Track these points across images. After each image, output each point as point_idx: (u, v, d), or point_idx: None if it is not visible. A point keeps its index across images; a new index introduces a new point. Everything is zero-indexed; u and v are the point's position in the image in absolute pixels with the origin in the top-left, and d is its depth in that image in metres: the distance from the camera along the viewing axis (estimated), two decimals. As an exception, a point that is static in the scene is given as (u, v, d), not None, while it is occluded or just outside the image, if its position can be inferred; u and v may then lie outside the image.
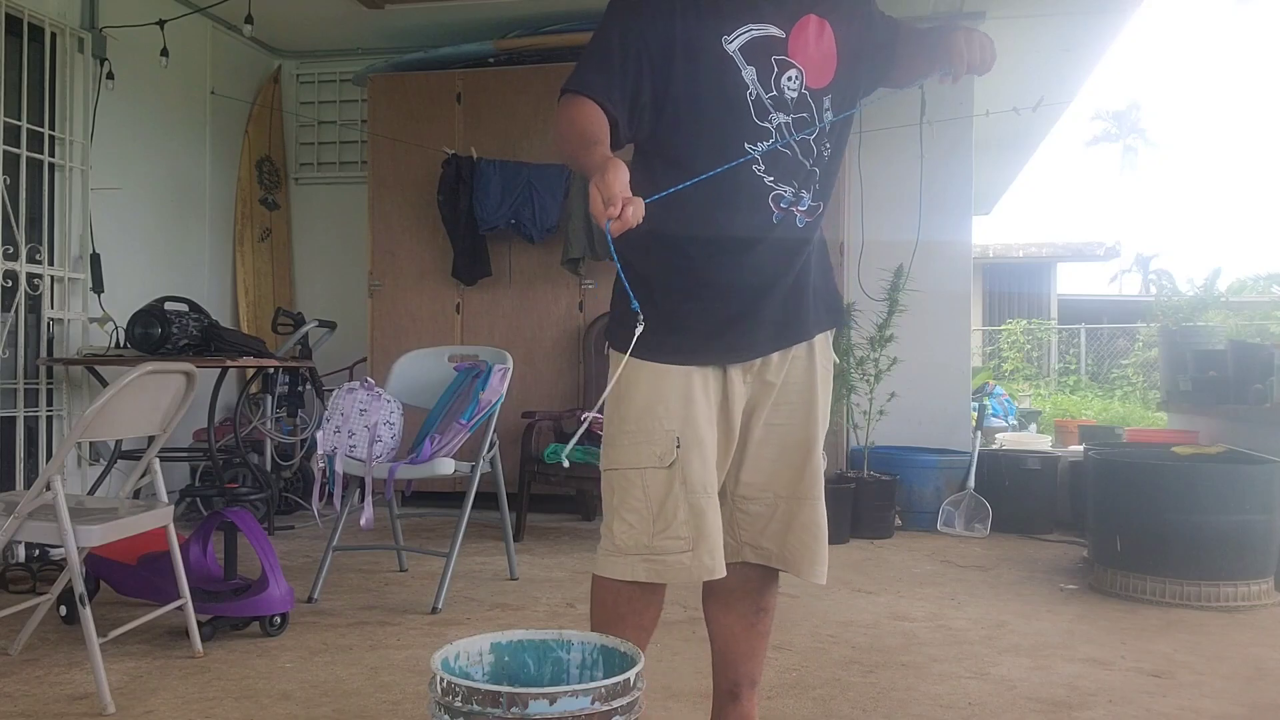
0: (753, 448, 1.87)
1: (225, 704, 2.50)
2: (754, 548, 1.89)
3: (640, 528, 1.77)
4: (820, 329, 1.92)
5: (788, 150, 1.78)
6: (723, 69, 1.73)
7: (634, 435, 1.79)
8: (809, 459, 1.87)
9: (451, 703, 1.29)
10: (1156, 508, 3.69)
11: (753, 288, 1.81)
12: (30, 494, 2.50)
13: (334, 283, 6.28)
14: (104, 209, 4.79)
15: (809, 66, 1.78)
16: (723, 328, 1.81)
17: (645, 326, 1.74)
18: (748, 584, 1.93)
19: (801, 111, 1.79)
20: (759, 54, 1.74)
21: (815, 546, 1.87)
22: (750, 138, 1.75)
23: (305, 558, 4.25)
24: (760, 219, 1.78)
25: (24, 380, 4.35)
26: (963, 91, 5.58)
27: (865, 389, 5.14)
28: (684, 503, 1.75)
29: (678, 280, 1.82)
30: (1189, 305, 7.75)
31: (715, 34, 1.73)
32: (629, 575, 1.78)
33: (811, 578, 1.88)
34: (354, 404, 3.52)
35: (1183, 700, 2.60)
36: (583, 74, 1.74)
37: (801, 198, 1.82)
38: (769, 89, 1.75)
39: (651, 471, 1.76)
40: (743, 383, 1.84)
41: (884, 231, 5.57)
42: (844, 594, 3.75)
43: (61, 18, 4.54)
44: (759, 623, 1.97)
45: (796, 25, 1.77)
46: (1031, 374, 15.12)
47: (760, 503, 1.88)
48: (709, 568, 1.77)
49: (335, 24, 5.79)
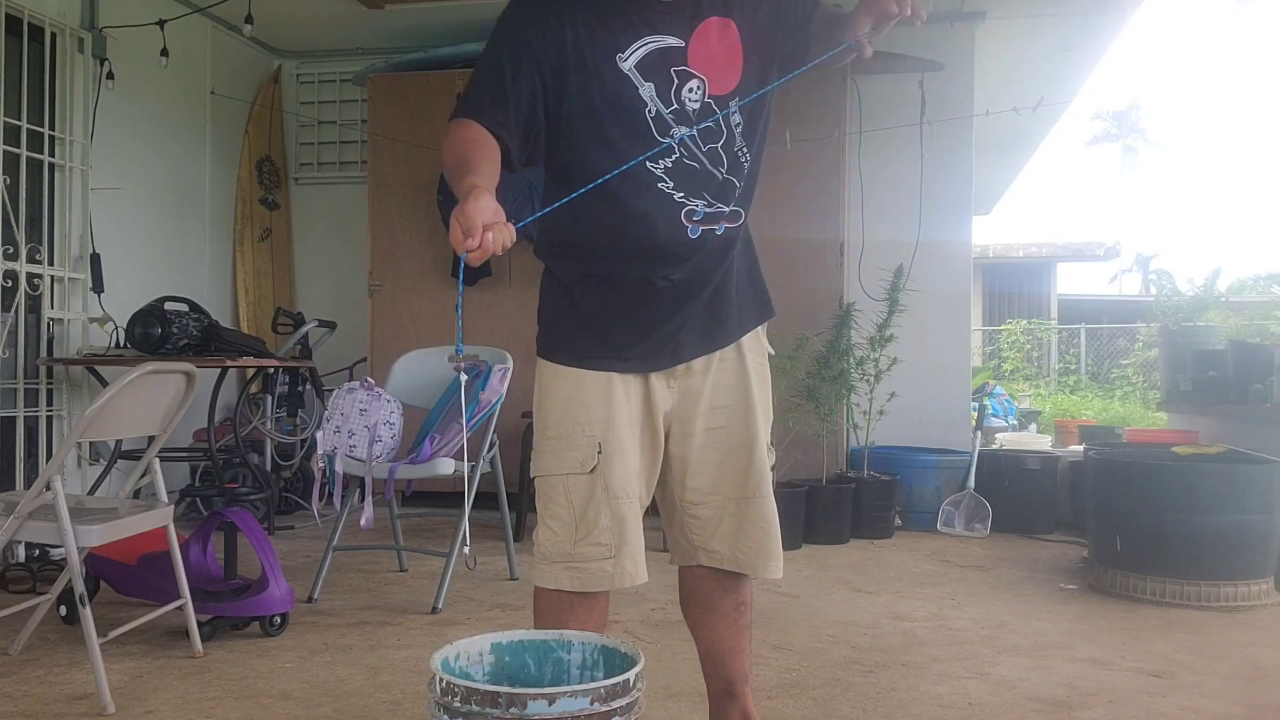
0: (695, 453, 1.85)
1: (225, 704, 2.50)
2: (706, 551, 1.89)
3: (563, 535, 1.75)
4: (747, 329, 1.90)
5: (695, 164, 1.74)
6: (619, 88, 1.68)
7: (555, 441, 1.77)
8: (752, 458, 1.86)
9: (450, 703, 1.29)
10: (1156, 508, 3.69)
11: (672, 301, 1.79)
12: (30, 494, 2.51)
13: (334, 283, 6.28)
14: (104, 209, 4.79)
15: (711, 74, 1.73)
16: (641, 337, 1.79)
17: (566, 332, 1.80)
18: (724, 583, 1.92)
19: (706, 121, 1.74)
20: (657, 68, 1.69)
21: (767, 543, 1.87)
22: (653, 157, 1.70)
23: (305, 558, 4.25)
24: (676, 237, 1.75)
25: (24, 380, 4.35)
26: (963, 91, 5.58)
27: (865, 389, 5.14)
28: (606, 509, 1.74)
29: (596, 293, 1.80)
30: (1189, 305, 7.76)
31: (609, 52, 1.68)
32: (553, 584, 1.76)
33: (766, 574, 1.88)
34: (354, 404, 3.52)
35: (1183, 700, 2.60)
36: (472, 97, 1.70)
37: (718, 208, 1.79)
38: (669, 103, 1.71)
39: (574, 478, 1.74)
40: (665, 389, 1.83)
41: (884, 231, 5.58)
42: (844, 594, 3.75)
43: (61, 18, 4.54)
44: (741, 617, 1.97)
45: (696, 32, 1.71)
46: (1031, 374, 15.12)
47: (708, 506, 1.87)
48: (631, 574, 1.75)
49: (335, 24, 5.79)
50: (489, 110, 1.67)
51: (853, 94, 5.37)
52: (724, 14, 1.74)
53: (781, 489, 4.64)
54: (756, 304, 1.94)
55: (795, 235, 5.21)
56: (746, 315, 1.91)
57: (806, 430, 4.90)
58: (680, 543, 1.92)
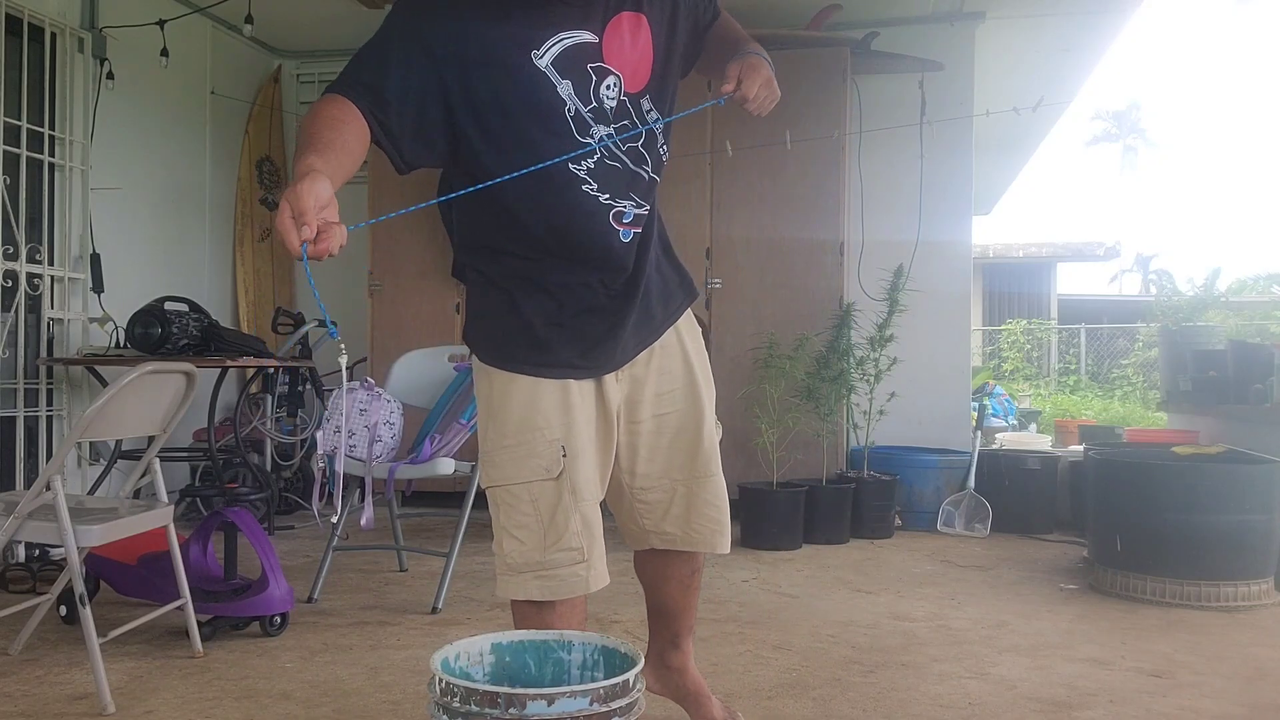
0: (645, 438, 1.86)
1: (225, 704, 2.50)
2: (659, 534, 1.91)
3: (531, 543, 1.71)
4: (680, 312, 1.91)
5: (616, 164, 1.69)
6: (536, 87, 1.59)
7: (515, 450, 1.72)
8: (700, 439, 1.88)
9: (450, 703, 1.29)
10: (1156, 508, 3.69)
11: (616, 310, 1.77)
12: (30, 494, 2.51)
13: (334, 283, 6.27)
14: (104, 209, 4.79)
15: (625, 70, 1.67)
16: (590, 347, 1.77)
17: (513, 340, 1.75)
18: (681, 555, 1.97)
19: (623, 119, 1.69)
20: (573, 64, 1.62)
21: (721, 519, 1.91)
22: (575, 157, 1.64)
23: (305, 558, 4.25)
24: (607, 242, 1.72)
25: (24, 380, 4.36)
26: (963, 91, 5.58)
27: (865, 389, 5.14)
28: (576, 513, 1.70)
29: (537, 301, 1.76)
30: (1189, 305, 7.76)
31: (524, 48, 1.58)
32: (522, 594, 1.72)
33: (717, 549, 1.92)
34: (354, 404, 3.52)
35: (1183, 700, 2.59)
36: (351, 74, 1.57)
37: (643, 208, 1.76)
38: (588, 101, 1.63)
39: (539, 485, 1.70)
40: (615, 382, 1.83)
41: (884, 231, 5.59)
42: (844, 594, 3.75)
43: (61, 18, 4.54)
44: (694, 582, 2.02)
45: (609, 26, 1.65)
46: (1031, 374, 15.13)
47: (659, 490, 1.88)
48: (600, 575, 1.75)
49: (335, 24, 5.79)
50: (367, 93, 1.54)
51: (853, 94, 5.37)
52: (635, 9, 1.69)
53: (781, 489, 4.67)
54: (682, 285, 1.94)
55: (795, 235, 5.22)
56: (675, 299, 1.90)
57: (806, 430, 4.90)
58: (630, 528, 1.94)
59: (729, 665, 2.84)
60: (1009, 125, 6.48)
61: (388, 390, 3.66)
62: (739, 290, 5.29)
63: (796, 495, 4.68)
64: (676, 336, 1.90)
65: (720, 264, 5.31)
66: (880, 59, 5.44)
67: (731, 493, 5.35)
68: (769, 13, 5.46)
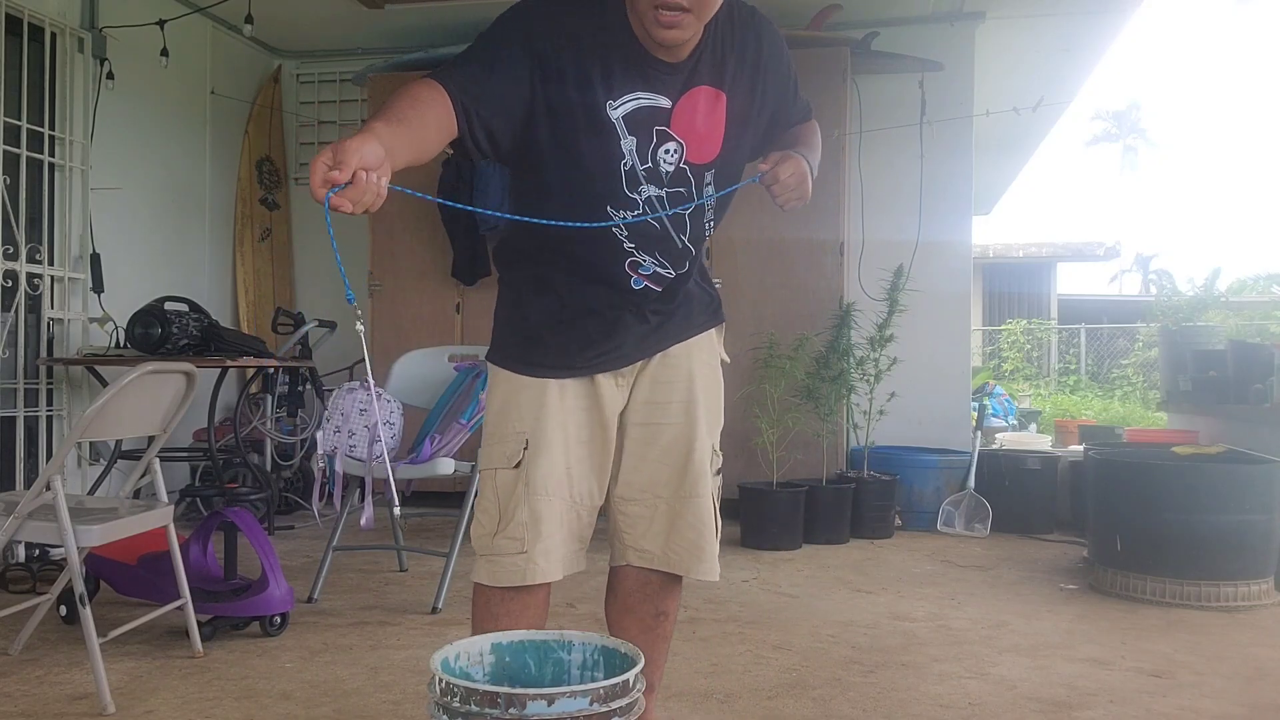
0: (632, 448, 1.85)
1: (225, 704, 2.50)
2: (637, 550, 1.87)
3: (488, 527, 1.77)
4: (697, 331, 1.90)
5: (656, 224, 1.73)
6: (604, 135, 1.66)
7: (490, 438, 1.80)
8: (690, 458, 1.84)
9: (450, 703, 1.29)
10: (1156, 508, 3.69)
11: (616, 314, 1.80)
12: (30, 494, 2.51)
13: (334, 283, 6.27)
14: (104, 209, 4.79)
15: (691, 140, 1.71)
16: (584, 348, 1.79)
17: (512, 340, 1.81)
18: (646, 587, 1.90)
19: (678, 186, 1.73)
20: (642, 124, 1.67)
21: (701, 544, 1.85)
22: (616, 204, 1.70)
23: (305, 558, 4.25)
24: (620, 279, 1.77)
25: (24, 380, 4.36)
26: (962, 91, 5.58)
27: (865, 389, 5.14)
28: (525, 504, 1.74)
29: (541, 300, 1.81)
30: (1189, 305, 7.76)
31: (603, 96, 1.64)
32: (475, 575, 1.79)
33: (699, 575, 1.86)
34: (354, 404, 3.52)
35: (1183, 700, 2.60)
36: (454, 66, 1.61)
37: (667, 271, 1.79)
38: (645, 160, 1.69)
39: (501, 472, 1.76)
40: (614, 386, 1.82)
41: (884, 231, 5.59)
42: (844, 594, 3.75)
43: (61, 18, 4.54)
44: (658, 626, 1.93)
45: (685, 96, 1.69)
46: (1031, 374, 15.13)
47: (641, 504, 1.85)
48: (543, 570, 1.74)
49: (335, 24, 5.79)
50: (464, 82, 1.57)
51: (853, 94, 5.37)
52: (716, 85, 1.71)
53: (782, 489, 4.68)
54: (705, 309, 1.93)
55: (795, 235, 5.22)
56: (695, 320, 1.90)
57: (806, 430, 4.90)
58: (612, 541, 1.91)
59: (729, 665, 2.84)
60: (1009, 125, 6.48)
61: (388, 390, 3.66)
62: (739, 290, 5.29)
63: (796, 495, 4.68)
64: (685, 352, 1.87)
65: (720, 264, 5.31)
66: (880, 59, 5.44)
67: (731, 493, 5.39)
68: (769, 13, 5.43)
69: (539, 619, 1.80)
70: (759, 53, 1.76)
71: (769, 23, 1.80)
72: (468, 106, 1.56)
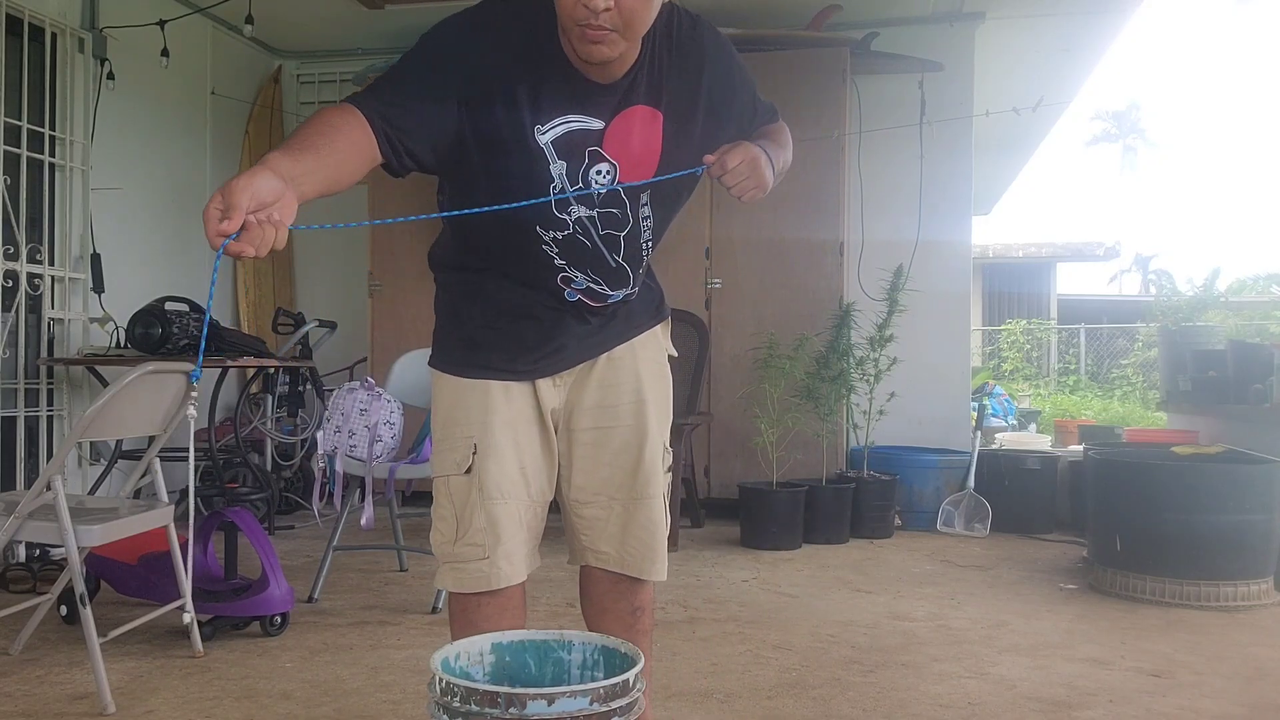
0: (583, 451, 1.83)
1: (225, 704, 2.50)
2: (594, 552, 1.86)
3: (447, 535, 1.76)
4: (640, 330, 1.87)
5: (587, 242, 1.70)
6: (532, 162, 1.61)
7: (440, 444, 1.79)
8: (641, 459, 1.82)
9: (450, 703, 1.29)
10: (1156, 507, 3.69)
11: (553, 316, 1.78)
12: (31, 494, 2.51)
13: (334, 283, 6.28)
14: (104, 209, 4.79)
15: (624, 161, 1.65)
16: (525, 351, 1.78)
17: (451, 343, 1.80)
18: (618, 585, 1.88)
19: (611, 206, 1.69)
20: (573, 147, 1.62)
21: (653, 544, 1.83)
22: (545, 224, 1.67)
23: (305, 558, 4.25)
24: (554, 292, 1.75)
25: (24, 380, 4.36)
26: (962, 92, 5.58)
27: (865, 389, 5.14)
28: (481, 510, 1.73)
29: (476, 305, 1.79)
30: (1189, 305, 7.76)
31: (530, 121, 1.59)
32: (439, 583, 1.78)
33: (652, 576, 1.84)
34: (354, 404, 3.52)
35: (1183, 700, 2.60)
36: (373, 89, 1.55)
37: (602, 289, 1.77)
38: (575, 182, 1.64)
39: (455, 479, 1.75)
40: (551, 386, 1.81)
41: (884, 231, 5.59)
42: (844, 594, 3.75)
43: (62, 18, 4.54)
44: (637, 622, 1.90)
45: (619, 117, 1.63)
46: (1031, 374, 15.13)
47: (595, 506, 1.84)
48: (506, 574, 1.73)
49: (335, 24, 5.79)
50: (385, 110, 1.51)
51: (853, 94, 5.37)
52: (653, 104, 1.65)
53: (781, 489, 4.68)
54: (647, 309, 1.90)
55: (795, 235, 5.22)
56: (637, 319, 1.87)
57: (806, 430, 4.90)
58: (570, 542, 1.90)
59: (729, 665, 2.84)
60: (1009, 125, 6.48)
61: (388, 390, 3.66)
62: (739, 290, 5.29)
63: (796, 495, 4.68)
64: (630, 353, 1.85)
65: (720, 264, 5.31)
66: (880, 59, 5.44)
67: (731, 493, 5.38)
68: (769, 13, 5.46)
69: (517, 620, 1.80)
70: (700, 69, 1.68)
71: (713, 33, 1.72)
72: (390, 134, 1.51)
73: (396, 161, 1.55)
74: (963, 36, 5.62)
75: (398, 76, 1.58)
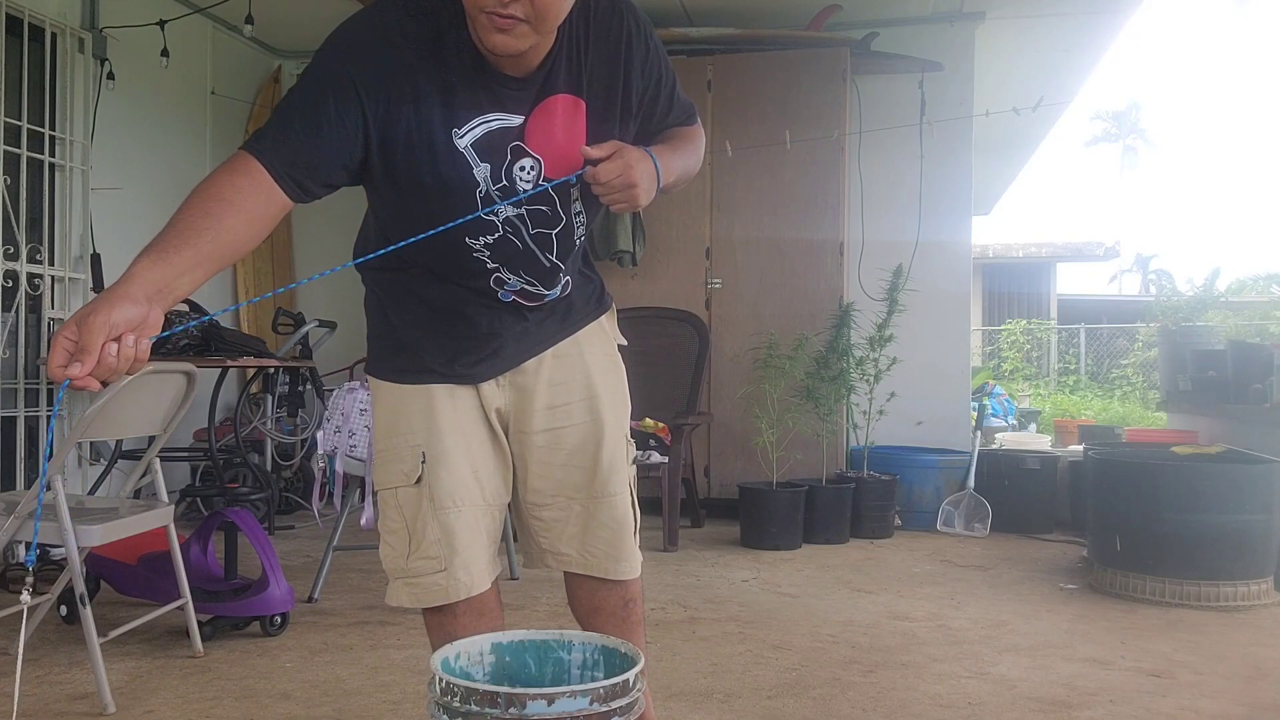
0: (539, 455, 1.76)
1: (225, 704, 2.50)
2: (554, 554, 1.80)
3: (399, 549, 1.71)
4: (583, 324, 1.81)
5: (518, 242, 1.63)
6: (452, 168, 1.53)
7: (384, 455, 1.73)
8: (599, 456, 1.76)
9: (450, 703, 1.29)
10: (1156, 507, 3.69)
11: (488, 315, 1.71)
12: (30, 494, 2.51)
13: (334, 283, 6.26)
14: (104, 209, 4.79)
15: (549, 155, 1.56)
16: (463, 353, 1.71)
17: (385, 348, 1.74)
18: (606, 582, 1.81)
19: (539, 204, 1.60)
20: (494, 146, 1.54)
21: (618, 543, 1.77)
22: (474, 231, 1.58)
23: (305, 558, 4.25)
24: (486, 292, 1.68)
25: (24, 380, 4.36)
26: (962, 91, 5.58)
27: (865, 389, 5.14)
28: (434, 521, 1.68)
29: (408, 308, 1.72)
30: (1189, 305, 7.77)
31: (446, 125, 1.51)
32: (395, 600, 1.73)
33: (618, 575, 1.77)
34: (354, 404, 3.52)
35: (1183, 700, 2.60)
36: (274, 131, 1.45)
37: (537, 289, 1.70)
38: (498, 180, 1.56)
39: (403, 490, 1.70)
40: (495, 386, 1.75)
41: (884, 231, 5.59)
42: (844, 594, 3.75)
43: (62, 18, 4.54)
44: (629, 615, 1.84)
45: (539, 110, 1.55)
46: (1031, 374, 15.13)
47: (553, 508, 1.78)
48: (466, 585, 1.70)
49: (335, 24, 5.75)
50: (287, 153, 1.43)
51: (853, 94, 5.37)
52: (574, 92, 1.56)
53: (781, 489, 4.68)
54: (588, 301, 1.83)
55: (795, 235, 5.22)
56: (578, 311, 1.81)
57: (806, 430, 4.90)
58: (528, 545, 1.85)
59: (729, 665, 2.84)
60: (1009, 125, 6.48)
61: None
62: (739, 290, 5.29)
63: (796, 495, 4.68)
64: (576, 348, 1.79)
65: (720, 264, 5.31)
66: (880, 59, 5.44)
67: (731, 493, 5.38)
68: (769, 13, 5.46)
69: (495, 622, 1.76)
70: (618, 47, 1.58)
71: (634, 11, 1.61)
72: (296, 178, 1.43)
73: (308, 198, 1.48)
74: (963, 36, 5.62)
75: (297, 109, 1.48)
